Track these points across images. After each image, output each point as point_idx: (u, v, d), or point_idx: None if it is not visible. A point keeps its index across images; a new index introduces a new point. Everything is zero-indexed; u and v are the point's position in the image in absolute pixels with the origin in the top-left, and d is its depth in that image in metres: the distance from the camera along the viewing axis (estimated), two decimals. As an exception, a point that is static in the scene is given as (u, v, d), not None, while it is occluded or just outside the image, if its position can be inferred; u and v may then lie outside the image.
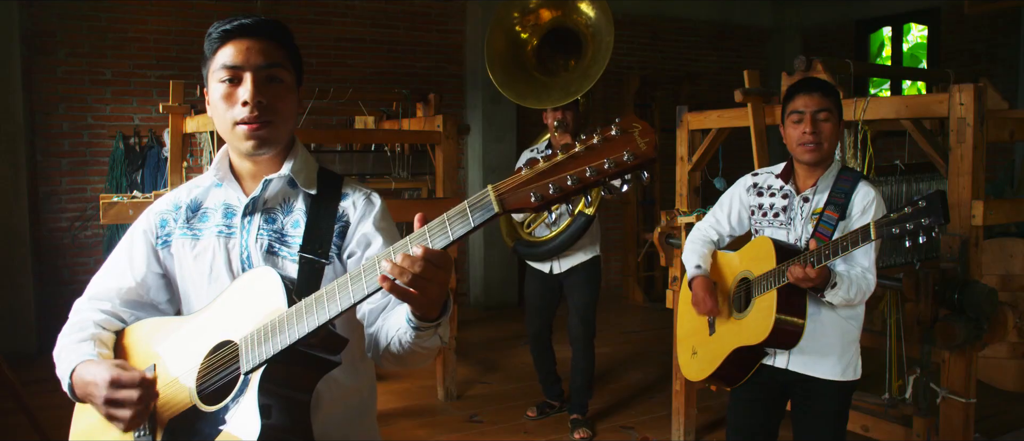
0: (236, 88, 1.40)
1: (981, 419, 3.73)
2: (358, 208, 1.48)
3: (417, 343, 1.30)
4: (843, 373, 2.35)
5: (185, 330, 1.41)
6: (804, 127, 2.29)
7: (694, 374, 2.65)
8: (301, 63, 1.50)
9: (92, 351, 1.41)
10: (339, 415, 1.47)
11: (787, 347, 2.35)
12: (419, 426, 4.08)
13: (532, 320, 4.10)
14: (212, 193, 1.53)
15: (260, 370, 1.26)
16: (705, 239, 2.63)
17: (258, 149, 1.42)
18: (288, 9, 6.07)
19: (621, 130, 1.06)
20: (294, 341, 1.23)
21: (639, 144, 1.05)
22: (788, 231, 2.41)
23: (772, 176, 2.51)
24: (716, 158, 3.73)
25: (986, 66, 6.88)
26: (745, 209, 2.57)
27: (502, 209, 1.10)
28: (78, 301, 1.55)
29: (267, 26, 1.43)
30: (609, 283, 7.54)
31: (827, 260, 2.15)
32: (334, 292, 1.22)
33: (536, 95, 3.83)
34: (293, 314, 1.24)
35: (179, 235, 1.51)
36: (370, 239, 1.45)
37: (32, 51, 5.36)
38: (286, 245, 1.45)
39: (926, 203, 1.94)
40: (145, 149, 5.61)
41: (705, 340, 2.59)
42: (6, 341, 5.04)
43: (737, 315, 2.46)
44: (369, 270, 1.19)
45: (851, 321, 2.38)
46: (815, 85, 2.34)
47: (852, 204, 2.30)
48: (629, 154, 1.05)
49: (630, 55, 7.64)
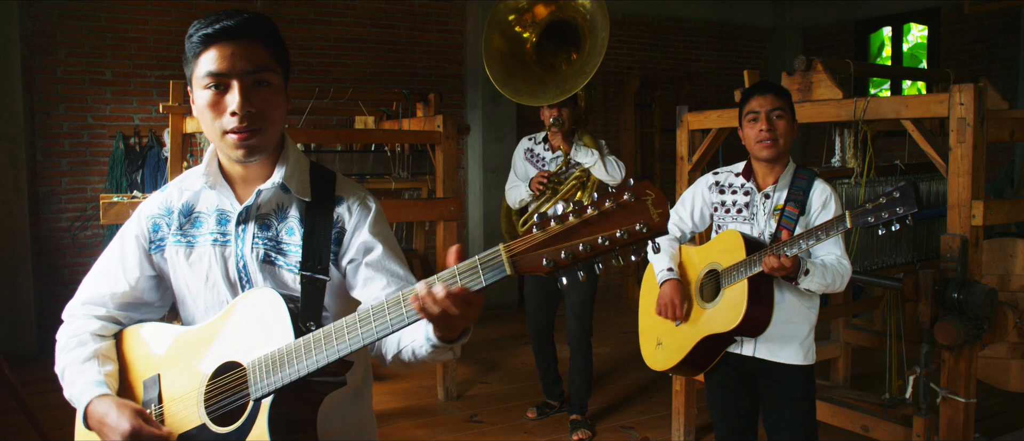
0: (223, 96, 1.35)
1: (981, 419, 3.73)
2: (354, 214, 1.46)
3: (432, 356, 1.31)
4: (805, 357, 2.48)
5: (187, 344, 1.41)
6: (760, 125, 2.42)
7: (660, 364, 2.73)
8: (288, 58, 1.44)
9: (99, 375, 1.41)
10: (334, 400, 1.47)
11: (755, 334, 2.45)
12: (419, 426, 4.08)
13: (532, 318, 4.10)
14: (204, 195, 1.50)
15: (270, 397, 1.28)
16: (670, 237, 2.72)
17: (248, 157, 1.40)
18: (288, 9, 6.07)
19: (635, 196, 1.07)
20: (304, 374, 1.25)
21: (652, 215, 1.06)
22: (751, 226, 2.53)
23: (732, 174, 2.63)
24: (716, 158, 3.73)
25: (986, 66, 6.87)
26: (707, 206, 2.68)
27: (514, 272, 1.10)
28: (70, 305, 1.53)
29: (251, 25, 1.36)
30: (608, 283, 7.54)
31: (801, 250, 2.28)
32: (343, 331, 1.23)
33: (532, 92, 3.84)
34: (301, 347, 1.26)
35: (173, 241, 1.49)
36: (370, 246, 1.44)
37: (32, 51, 5.36)
38: (282, 254, 1.44)
39: (900, 193, 2.09)
40: (145, 149, 5.61)
41: (671, 331, 2.65)
42: (6, 341, 5.04)
43: (705, 305, 2.53)
44: (378, 313, 1.20)
45: (811, 308, 2.50)
46: (769, 87, 2.48)
47: (810, 200, 2.45)
48: (642, 225, 1.06)
49: (630, 55, 7.64)
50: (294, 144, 1.51)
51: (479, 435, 3.98)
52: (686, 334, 2.58)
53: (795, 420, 2.47)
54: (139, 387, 1.45)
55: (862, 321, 4.19)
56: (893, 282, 2.78)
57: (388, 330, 1.20)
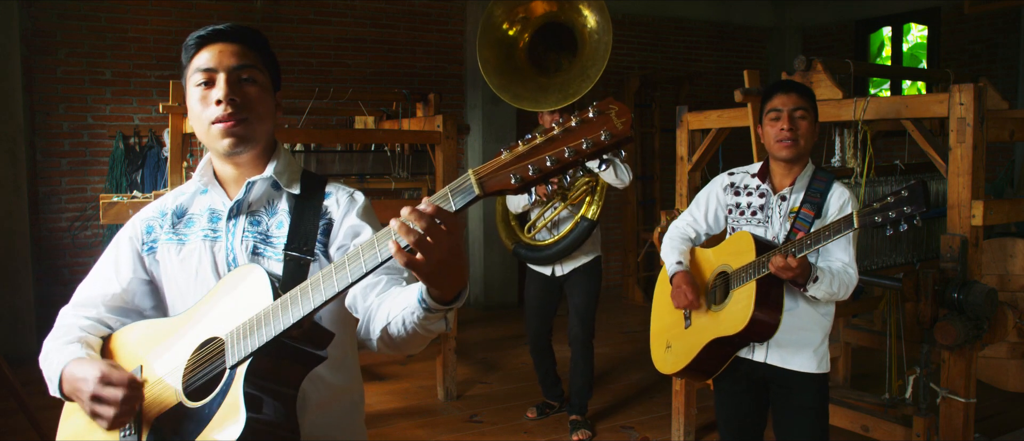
0: (210, 89, 1.42)
1: (981, 419, 3.74)
2: (341, 205, 1.49)
3: (423, 325, 1.26)
4: (818, 365, 2.41)
5: (171, 330, 1.41)
6: (782, 124, 2.36)
7: (668, 368, 2.69)
8: (278, 68, 1.52)
9: (81, 351, 1.41)
10: (328, 416, 1.48)
11: (763, 339, 2.38)
12: (419, 426, 4.08)
13: (531, 322, 4.09)
14: (197, 199, 1.54)
15: (246, 364, 1.25)
16: (683, 237, 2.68)
17: (235, 148, 1.43)
18: (288, 9, 6.07)
19: (598, 111, 1.08)
20: (279, 332, 1.22)
21: (615, 123, 1.07)
22: (766, 229, 2.47)
23: (748, 175, 2.56)
24: (716, 158, 3.73)
25: (986, 66, 6.88)
26: (722, 208, 2.62)
27: (483, 192, 1.10)
28: (64, 308, 1.56)
29: (241, 31, 1.46)
30: (609, 283, 7.54)
31: (808, 249, 2.21)
32: (318, 282, 1.21)
33: (532, 97, 3.72)
34: (278, 306, 1.24)
35: (165, 240, 1.52)
36: (358, 230, 1.46)
37: (32, 51, 5.36)
38: (271, 245, 1.45)
39: (909, 192, 2.02)
40: (145, 149, 5.61)
41: (681, 334, 2.62)
42: (6, 341, 5.04)
43: (714, 307, 2.49)
44: (353, 258, 1.18)
45: (825, 316, 2.44)
46: (793, 86, 2.41)
47: (828, 204, 2.37)
48: (606, 133, 1.06)
49: (630, 55, 7.64)
50: (286, 148, 1.55)
51: (479, 435, 3.97)
52: (694, 337, 2.53)
53: (806, 429, 2.40)
54: None
55: (862, 321, 4.19)
56: (893, 282, 2.78)
57: (362, 271, 1.17)
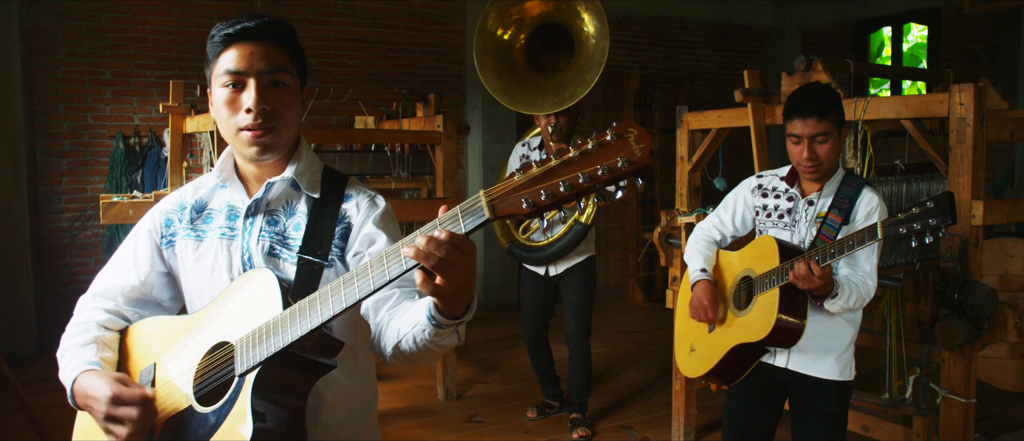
0: (239, 94, 1.38)
1: (981, 419, 3.74)
2: (361, 210, 1.46)
3: (435, 341, 1.25)
4: (841, 373, 2.36)
5: (185, 330, 1.41)
6: (802, 150, 2.31)
7: (692, 371, 2.66)
8: (305, 63, 1.49)
9: (95, 356, 1.40)
10: (342, 417, 1.47)
11: (787, 346, 2.35)
12: (419, 426, 4.08)
13: (527, 320, 4.09)
14: (217, 194, 1.52)
15: (255, 372, 1.25)
16: (709, 239, 2.63)
17: (262, 155, 1.42)
18: (288, 9, 6.07)
19: (616, 135, 1.04)
20: (288, 344, 1.22)
21: (634, 150, 1.03)
22: (792, 233, 2.43)
23: (777, 178, 2.52)
24: (716, 158, 3.73)
25: (986, 66, 6.88)
26: (749, 210, 2.59)
27: (493, 215, 1.08)
28: (82, 298, 1.55)
29: (271, 28, 1.41)
30: (609, 283, 7.54)
31: (832, 258, 2.16)
32: (328, 295, 1.20)
33: (529, 99, 3.69)
34: (288, 316, 1.23)
35: (183, 235, 1.51)
36: (373, 238, 1.44)
37: (32, 51, 5.36)
38: (287, 247, 1.44)
39: (934, 203, 1.97)
40: (145, 149, 5.61)
41: (704, 337, 2.59)
42: (6, 341, 5.04)
43: (738, 313, 2.46)
44: (362, 274, 1.17)
45: (850, 323, 2.40)
46: (810, 107, 2.29)
47: (856, 209, 2.32)
48: (624, 160, 1.03)
49: (630, 55, 7.64)
50: (309, 146, 1.52)
51: (479, 435, 3.98)
52: (718, 342, 2.50)
53: (823, 433, 2.36)
54: (136, 377, 1.45)
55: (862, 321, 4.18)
56: (893, 282, 2.77)
57: (369, 289, 1.16)
